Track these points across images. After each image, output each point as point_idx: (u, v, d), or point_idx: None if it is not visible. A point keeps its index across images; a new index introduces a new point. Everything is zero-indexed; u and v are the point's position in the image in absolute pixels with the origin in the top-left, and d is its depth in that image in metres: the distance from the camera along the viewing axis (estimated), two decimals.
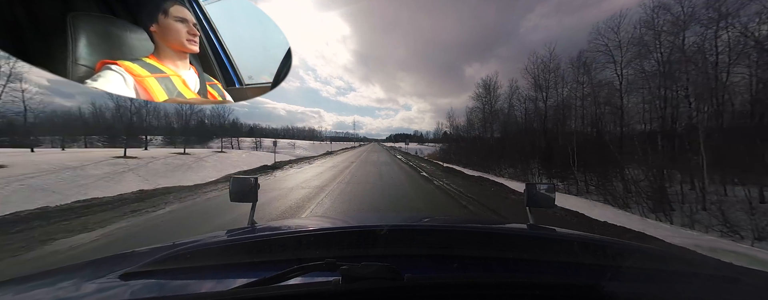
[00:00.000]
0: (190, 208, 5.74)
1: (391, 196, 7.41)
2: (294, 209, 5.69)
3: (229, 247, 0.90)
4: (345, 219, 1.87)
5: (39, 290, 0.68)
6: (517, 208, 6.24)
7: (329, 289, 0.52)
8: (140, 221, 4.76)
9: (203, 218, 5.04)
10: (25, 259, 3.24)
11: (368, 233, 0.93)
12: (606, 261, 0.86)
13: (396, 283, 0.54)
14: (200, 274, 0.75)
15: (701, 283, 0.78)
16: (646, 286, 0.71)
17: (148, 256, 0.83)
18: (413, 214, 4.30)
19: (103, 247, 3.55)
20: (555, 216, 5.60)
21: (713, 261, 0.89)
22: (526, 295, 0.57)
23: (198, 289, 0.68)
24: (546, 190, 1.53)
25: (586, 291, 0.58)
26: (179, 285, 0.70)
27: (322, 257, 0.61)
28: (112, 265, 0.79)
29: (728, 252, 3.87)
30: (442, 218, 1.67)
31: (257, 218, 1.50)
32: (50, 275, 0.78)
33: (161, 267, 0.76)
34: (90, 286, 0.67)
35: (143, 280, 0.70)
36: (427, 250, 0.87)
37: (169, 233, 4.18)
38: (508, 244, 0.95)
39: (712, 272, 0.83)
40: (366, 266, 0.54)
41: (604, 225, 5.17)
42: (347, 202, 6.43)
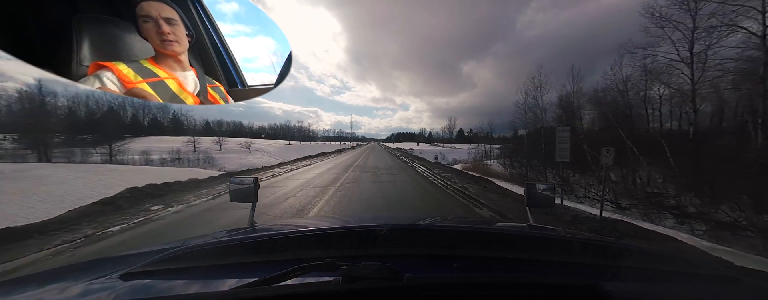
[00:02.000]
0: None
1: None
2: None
3: (229, 247, 0.90)
4: (345, 219, 1.87)
5: (39, 290, 0.68)
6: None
7: (329, 289, 0.52)
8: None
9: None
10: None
11: (368, 233, 0.93)
12: (606, 261, 0.86)
13: (396, 283, 0.54)
14: (200, 274, 0.76)
15: (701, 283, 0.78)
16: (646, 286, 0.71)
17: (148, 256, 0.83)
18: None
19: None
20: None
21: (713, 261, 0.89)
22: (526, 295, 0.57)
23: (198, 289, 0.68)
24: (546, 190, 1.53)
25: (586, 291, 0.58)
26: (179, 285, 0.70)
27: (322, 257, 0.61)
28: (112, 265, 0.79)
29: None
30: (442, 218, 1.67)
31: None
32: (51, 275, 0.79)
33: (161, 267, 0.76)
34: (90, 286, 0.67)
35: (143, 280, 0.70)
36: (427, 250, 0.87)
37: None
38: (508, 244, 0.95)
39: (712, 272, 0.83)
40: (366, 266, 0.54)
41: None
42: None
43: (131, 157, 23.89)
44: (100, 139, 26.98)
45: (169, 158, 25.22)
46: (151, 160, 23.34)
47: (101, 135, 27.67)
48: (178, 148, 28.33)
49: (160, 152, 26.15)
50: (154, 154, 25.13)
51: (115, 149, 24.27)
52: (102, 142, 26.10)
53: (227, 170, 14.57)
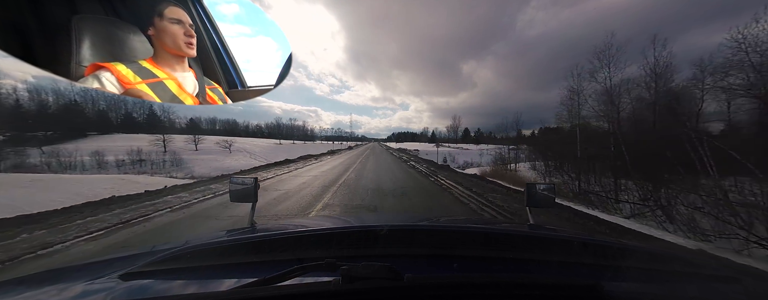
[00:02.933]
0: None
1: None
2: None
3: (229, 247, 0.90)
4: (345, 219, 1.87)
5: (39, 290, 0.68)
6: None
7: (329, 289, 0.52)
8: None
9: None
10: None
11: (368, 233, 0.93)
12: (606, 261, 0.86)
13: (396, 283, 0.54)
14: (200, 274, 0.75)
15: (701, 283, 0.78)
16: (646, 286, 0.71)
17: (148, 256, 0.83)
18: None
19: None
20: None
21: (713, 261, 0.89)
22: (526, 295, 0.57)
23: (198, 289, 0.68)
24: (546, 190, 1.53)
25: (586, 291, 0.58)
26: (179, 285, 0.70)
27: (322, 257, 0.61)
28: (112, 265, 0.79)
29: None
30: (442, 218, 1.67)
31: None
32: (51, 275, 0.78)
33: (161, 267, 0.76)
34: (90, 286, 0.67)
35: (143, 281, 0.70)
36: (427, 250, 0.87)
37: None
38: (508, 244, 0.95)
39: (712, 272, 0.83)
40: (366, 266, 0.54)
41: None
42: None
43: (75, 159, 19.69)
44: (56, 138, 23.49)
45: (129, 161, 21.42)
46: (106, 163, 19.77)
47: (59, 133, 23.80)
48: (138, 148, 23.20)
49: (121, 152, 22.01)
50: (112, 155, 21.21)
51: (54, 151, 20.29)
52: (58, 140, 22.80)
53: (195, 176, 11.51)
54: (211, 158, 23.87)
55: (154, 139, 27.07)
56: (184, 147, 29.29)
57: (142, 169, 20.01)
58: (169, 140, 28.44)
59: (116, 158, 21.21)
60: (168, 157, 23.30)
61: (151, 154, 23.57)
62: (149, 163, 22.29)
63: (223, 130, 77.56)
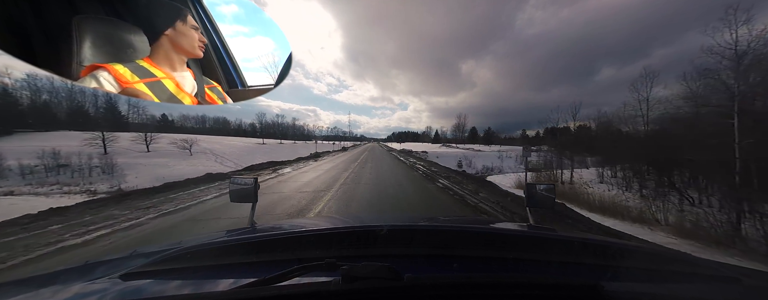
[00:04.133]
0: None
1: None
2: None
3: (229, 247, 0.90)
4: (345, 219, 1.87)
5: (39, 290, 0.68)
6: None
7: (329, 289, 0.52)
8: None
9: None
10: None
11: (368, 233, 0.93)
12: (606, 261, 0.86)
13: (396, 283, 0.54)
14: (200, 274, 0.75)
15: (701, 283, 0.78)
16: (646, 286, 0.71)
17: (148, 256, 0.83)
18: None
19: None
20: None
21: (713, 261, 0.89)
22: (526, 295, 0.57)
23: (198, 289, 0.68)
24: (546, 190, 1.53)
25: (586, 291, 0.57)
26: (179, 285, 0.70)
27: (322, 257, 0.61)
28: (111, 266, 0.79)
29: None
30: (442, 218, 1.67)
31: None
32: (50, 276, 0.78)
33: (161, 267, 0.76)
34: (90, 287, 0.67)
35: (143, 281, 0.70)
36: (427, 250, 0.87)
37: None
38: (508, 244, 0.95)
39: (712, 272, 0.83)
40: (366, 266, 0.54)
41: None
42: None
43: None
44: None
45: (43, 166, 15.31)
46: (3, 170, 13.52)
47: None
48: (57, 149, 16.52)
49: (34, 156, 15.52)
50: (17, 160, 14.62)
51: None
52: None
53: (125, 189, 7.98)
54: (162, 162, 19.04)
55: (90, 137, 20.76)
56: (131, 148, 22.90)
57: (55, 179, 14.55)
58: (113, 139, 22.07)
59: (20, 163, 14.81)
60: (103, 161, 17.36)
61: (83, 156, 17.12)
62: (71, 169, 16.11)
63: (212, 128, 74.20)
